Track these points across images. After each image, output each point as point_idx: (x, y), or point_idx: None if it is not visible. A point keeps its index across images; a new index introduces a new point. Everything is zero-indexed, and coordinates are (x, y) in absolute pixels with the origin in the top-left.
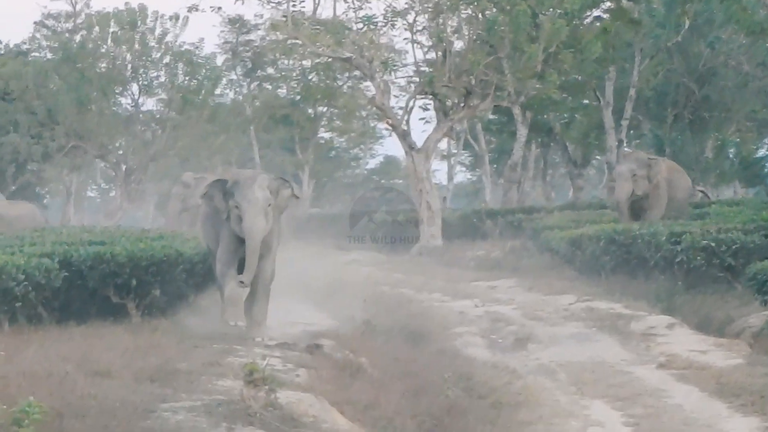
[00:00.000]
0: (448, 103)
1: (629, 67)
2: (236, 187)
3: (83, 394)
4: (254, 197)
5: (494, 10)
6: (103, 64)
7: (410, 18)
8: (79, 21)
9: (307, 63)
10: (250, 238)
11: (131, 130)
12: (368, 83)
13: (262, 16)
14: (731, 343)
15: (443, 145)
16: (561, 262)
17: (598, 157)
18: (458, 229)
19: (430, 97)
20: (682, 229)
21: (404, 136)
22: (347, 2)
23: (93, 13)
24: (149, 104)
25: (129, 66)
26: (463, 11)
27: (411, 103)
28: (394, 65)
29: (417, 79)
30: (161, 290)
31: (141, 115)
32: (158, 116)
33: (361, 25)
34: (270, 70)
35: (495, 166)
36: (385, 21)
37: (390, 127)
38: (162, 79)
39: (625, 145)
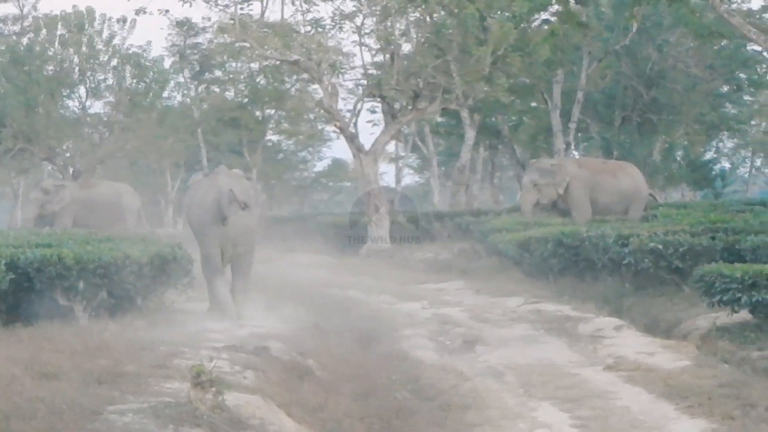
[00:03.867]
0: (396, 105)
1: (577, 70)
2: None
3: (31, 396)
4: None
5: (442, 13)
6: (51, 67)
7: (358, 21)
8: (26, 24)
9: (255, 66)
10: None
11: (79, 133)
12: (316, 86)
13: (209, 18)
14: (679, 345)
15: (391, 147)
16: (509, 264)
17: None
18: (407, 232)
19: (378, 99)
20: (630, 232)
21: (352, 139)
22: (295, 5)
23: (40, 16)
24: (97, 107)
25: (77, 69)
26: (411, 14)
27: (359, 106)
28: (342, 68)
29: (365, 82)
30: (109, 292)
31: (89, 118)
32: (106, 119)
33: (309, 28)
34: (218, 73)
35: (443, 168)
36: (333, 24)
37: (338, 130)
38: (110, 81)
39: (572, 147)
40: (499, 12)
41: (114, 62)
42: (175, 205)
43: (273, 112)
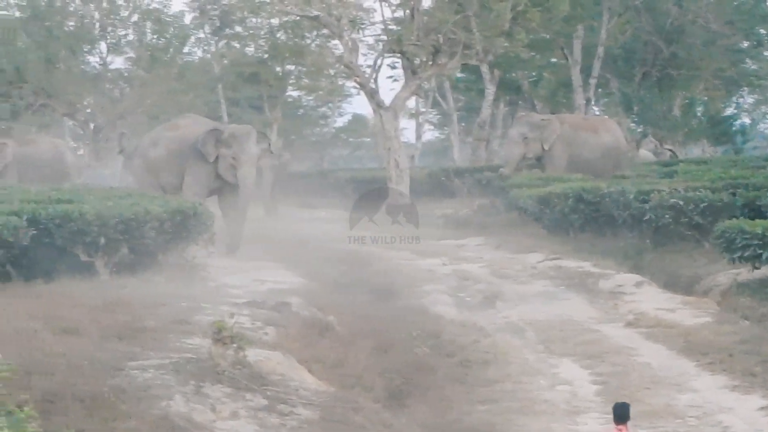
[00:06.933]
0: (416, 61)
1: (597, 26)
2: (234, 140)
3: (51, 351)
4: (252, 152)
5: None
6: (71, 22)
7: None
8: None
9: (275, 21)
10: (245, 187)
11: (99, 88)
12: (336, 41)
13: None
14: (699, 301)
15: (411, 103)
16: (529, 220)
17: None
18: (426, 188)
19: (398, 55)
20: (650, 188)
21: (372, 95)
22: None
23: None
24: (117, 62)
25: (97, 24)
26: None
27: (379, 62)
28: (362, 23)
29: (385, 38)
30: (129, 248)
31: (109, 74)
32: (126, 74)
33: None
34: (238, 29)
35: (463, 124)
36: None
37: (358, 86)
38: (130, 37)
39: (593, 103)
40: None
41: (134, 18)
42: None
43: (293, 67)
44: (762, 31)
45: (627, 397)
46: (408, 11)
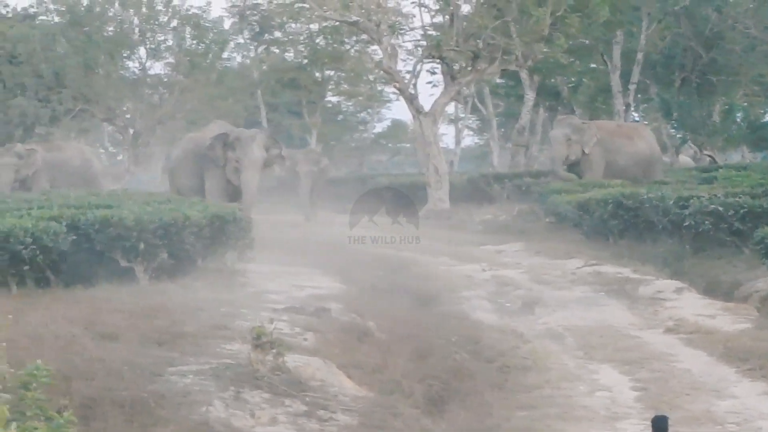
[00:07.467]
0: (456, 66)
1: (637, 31)
2: (238, 143)
3: (91, 356)
4: (254, 156)
5: None
6: (111, 28)
7: None
8: None
9: (314, 27)
10: (247, 191)
11: (139, 94)
12: (376, 47)
13: None
14: (739, 307)
15: (450, 109)
16: (568, 226)
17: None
18: (465, 193)
19: (438, 60)
20: (689, 194)
21: (411, 100)
22: None
23: None
24: (157, 68)
25: (136, 29)
26: None
27: (418, 67)
28: (402, 29)
29: (424, 43)
30: (169, 253)
31: (148, 79)
32: (166, 80)
33: None
34: (277, 34)
35: (503, 129)
36: None
37: (397, 91)
38: (169, 42)
39: (632, 108)
40: None
41: (174, 23)
42: None
43: (332, 73)
44: None
45: (666, 404)
46: (447, 16)
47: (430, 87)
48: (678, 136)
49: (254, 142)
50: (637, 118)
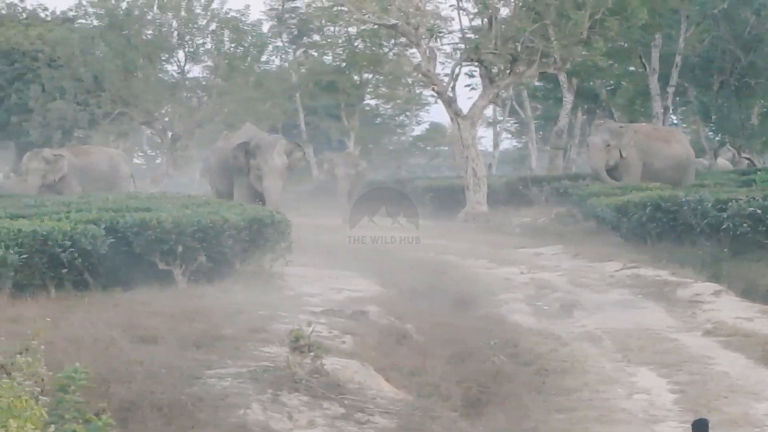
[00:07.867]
0: (494, 69)
1: (675, 34)
2: (258, 151)
3: (129, 359)
4: (274, 163)
5: None
6: (149, 31)
7: None
8: None
9: (352, 30)
10: (269, 198)
11: (177, 97)
12: (414, 50)
13: None
14: None
15: (489, 111)
16: (607, 228)
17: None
18: (504, 196)
19: (476, 63)
20: (728, 196)
21: (450, 103)
22: None
23: None
24: (195, 71)
25: (175, 33)
26: None
27: (457, 70)
28: (440, 32)
29: (463, 46)
30: (207, 256)
31: (187, 82)
32: (204, 83)
33: None
34: (316, 37)
35: (541, 132)
36: None
37: (436, 94)
38: (208, 45)
39: (670, 111)
40: None
41: (212, 26)
42: None
43: (371, 76)
44: None
45: (705, 406)
46: (486, 20)
47: (468, 90)
48: (716, 139)
49: (274, 149)
50: (675, 122)
